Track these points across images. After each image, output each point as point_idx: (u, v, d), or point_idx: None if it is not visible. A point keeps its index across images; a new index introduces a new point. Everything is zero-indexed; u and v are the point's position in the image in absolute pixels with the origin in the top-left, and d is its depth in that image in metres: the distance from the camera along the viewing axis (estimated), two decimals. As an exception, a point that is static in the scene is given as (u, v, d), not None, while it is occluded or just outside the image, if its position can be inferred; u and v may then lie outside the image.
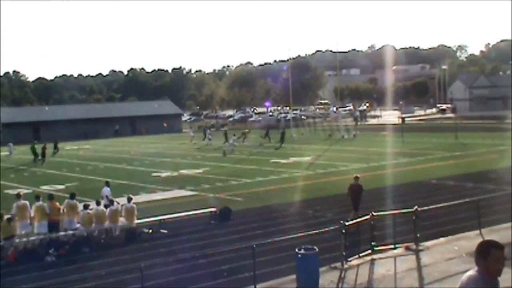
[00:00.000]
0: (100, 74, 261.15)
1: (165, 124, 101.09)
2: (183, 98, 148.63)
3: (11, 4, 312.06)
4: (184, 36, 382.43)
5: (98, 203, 22.74)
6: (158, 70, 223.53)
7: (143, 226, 23.22)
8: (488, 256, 5.85)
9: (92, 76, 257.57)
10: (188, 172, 42.23)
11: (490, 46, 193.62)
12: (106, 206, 23.09)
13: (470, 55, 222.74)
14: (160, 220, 23.59)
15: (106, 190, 25.67)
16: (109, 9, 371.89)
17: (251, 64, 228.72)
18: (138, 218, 22.96)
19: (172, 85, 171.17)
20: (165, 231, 22.85)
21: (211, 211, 24.76)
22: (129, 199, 23.09)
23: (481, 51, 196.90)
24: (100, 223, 22.05)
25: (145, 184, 36.42)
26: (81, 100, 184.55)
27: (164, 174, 41.41)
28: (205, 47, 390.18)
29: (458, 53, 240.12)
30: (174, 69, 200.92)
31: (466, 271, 17.09)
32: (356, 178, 23.89)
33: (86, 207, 22.05)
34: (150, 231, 23.02)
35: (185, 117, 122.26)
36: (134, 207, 22.84)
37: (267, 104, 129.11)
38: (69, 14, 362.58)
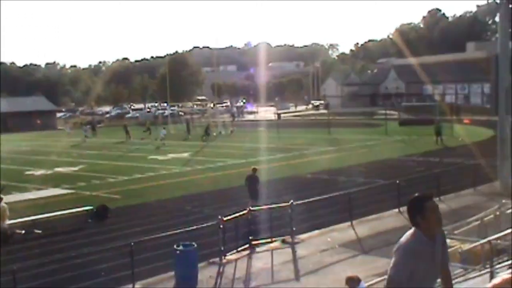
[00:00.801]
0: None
1: (38, 121, 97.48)
2: (58, 94, 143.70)
3: None
4: (57, 30, 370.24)
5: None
6: (31, 64, 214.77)
7: (16, 227, 22.39)
8: (425, 211, 5.53)
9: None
10: (63, 170, 41.10)
11: (359, 45, 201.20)
12: None
13: (341, 53, 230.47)
14: (34, 220, 22.88)
15: None
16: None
17: (128, 59, 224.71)
18: (10, 219, 22.12)
19: (45, 80, 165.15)
20: (39, 232, 22.19)
21: (87, 210, 24.27)
22: (0, 199, 22.22)
23: (351, 50, 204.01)
24: (-32, 224, 21.08)
25: (17, 183, 35.03)
26: None
27: (38, 173, 40.08)
28: (79, 42, 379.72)
29: (330, 52, 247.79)
30: (47, 64, 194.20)
31: (339, 261, 17.85)
32: (254, 169, 24.53)
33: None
34: (23, 231, 22.27)
35: (60, 113, 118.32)
36: (5, 207, 21.97)
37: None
38: None
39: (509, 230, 12.84)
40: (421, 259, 5.48)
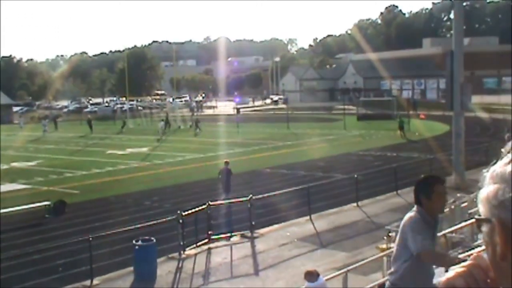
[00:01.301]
0: None
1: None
2: (14, 88, 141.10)
3: None
4: (13, 22, 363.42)
5: None
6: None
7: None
8: (432, 193, 5.54)
9: None
10: (19, 164, 40.39)
11: (318, 40, 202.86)
12: None
13: (300, 48, 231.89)
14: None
15: None
16: None
17: (86, 53, 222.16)
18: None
19: (1, 74, 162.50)
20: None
21: (45, 205, 23.97)
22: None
23: (310, 45, 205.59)
24: None
25: (-29, 179, 34.31)
26: None
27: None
28: (37, 35, 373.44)
29: (289, 46, 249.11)
30: (3, 57, 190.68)
31: (298, 255, 18.00)
32: (226, 162, 24.90)
33: None
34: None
35: (17, 107, 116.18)
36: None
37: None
38: None
39: (463, 224, 13.12)
40: (426, 235, 5.54)
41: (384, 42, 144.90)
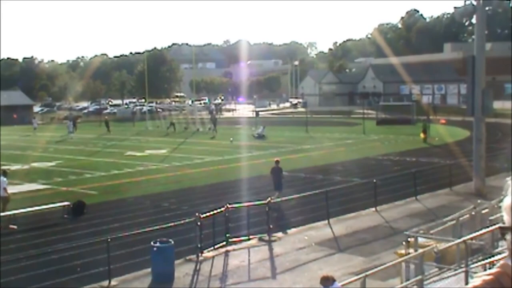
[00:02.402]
0: None
1: (14, 116, 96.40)
2: (35, 88, 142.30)
3: None
4: (35, 24, 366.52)
5: None
6: (8, 59, 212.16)
7: (-9, 222, 22.18)
8: None
9: None
10: (40, 165, 40.69)
11: (338, 44, 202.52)
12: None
13: (320, 52, 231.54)
14: (10, 215, 22.67)
15: (3, 181, 23.80)
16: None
17: (106, 55, 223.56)
18: (-15, 214, 21.89)
19: (23, 75, 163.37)
20: (15, 227, 22.01)
21: (64, 205, 24.10)
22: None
23: (330, 49, 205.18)
24: None
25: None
26: None
27: (14, 167, 39.52)
28: (58, 37, 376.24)
29: (309, 50, 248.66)
30: (25, 58, 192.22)
31: (316, 259, 17.92)
32: (277, 161, 25.82)
33: None
34: (-2, 227, 22.07)
35: (37, 108, 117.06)
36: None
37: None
38: None
39: (484, 230, 12.99)
40: None
41: (404, 47, 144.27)
